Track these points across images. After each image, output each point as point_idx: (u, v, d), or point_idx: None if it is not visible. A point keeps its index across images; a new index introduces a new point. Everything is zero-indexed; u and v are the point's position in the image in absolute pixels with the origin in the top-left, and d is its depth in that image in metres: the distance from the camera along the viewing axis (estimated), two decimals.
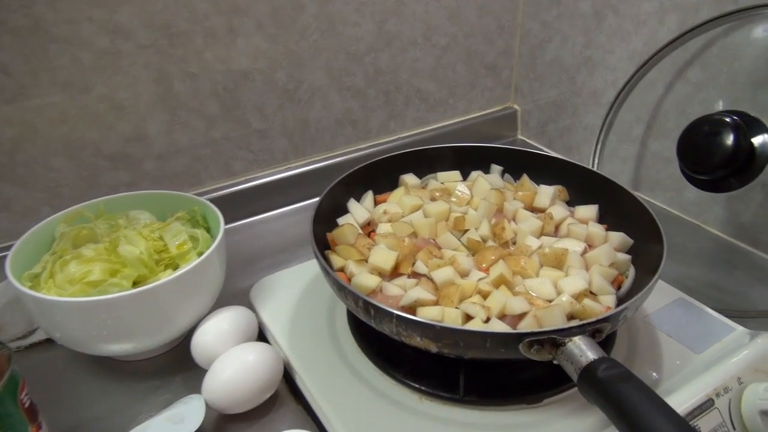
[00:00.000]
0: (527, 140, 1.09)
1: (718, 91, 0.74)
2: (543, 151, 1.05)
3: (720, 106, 0.75)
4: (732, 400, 0.49)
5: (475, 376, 0.54)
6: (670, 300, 0.64)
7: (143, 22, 0.71)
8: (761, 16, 0.67)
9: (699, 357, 0.56)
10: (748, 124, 0.59)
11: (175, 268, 0.62)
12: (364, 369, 0.57)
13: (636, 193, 0.61)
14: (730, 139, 0.58)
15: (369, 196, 0.70)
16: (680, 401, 0.49)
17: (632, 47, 0.83)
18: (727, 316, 0.61)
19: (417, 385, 0.54)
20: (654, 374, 0.54)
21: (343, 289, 0.52)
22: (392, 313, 0.48)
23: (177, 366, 0.62)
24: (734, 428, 0.49)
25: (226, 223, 0.63)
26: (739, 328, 0.59)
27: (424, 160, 0.74)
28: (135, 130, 0.76)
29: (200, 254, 0.61)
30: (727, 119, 0.59)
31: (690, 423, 0.48)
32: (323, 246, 0.62)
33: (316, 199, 0.63)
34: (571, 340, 0.44)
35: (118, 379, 0.61)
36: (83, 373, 0.62)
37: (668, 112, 0.81)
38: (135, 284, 0.58)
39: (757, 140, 0.59)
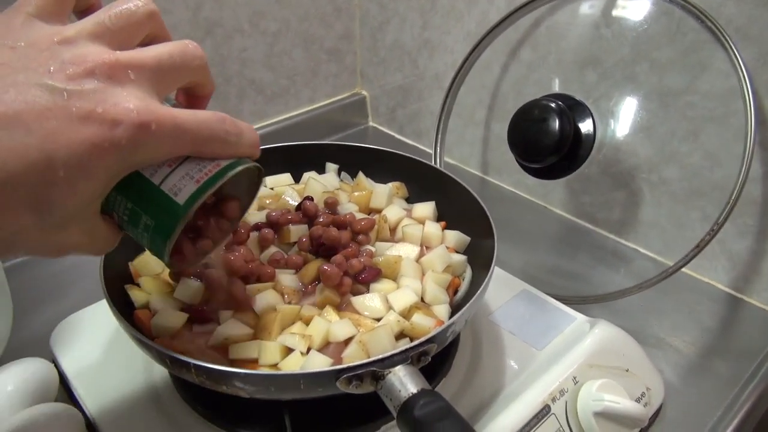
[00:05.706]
0: (379, 127, 1.04)
1: (549, 72, 0.72)
2: (395, 137, 1.01)
3: (556, 86, 0.74)
4: (568, 403, 0.47)
5: (303, 412, 0.48)
6: (514, 294, 0.61)
7: None
8: None
9: (541, 354, 0.54)
10: (572, 109, 0.57)
11: None
12: (186, 420, 0.49)
13: (469, 187, 0.57)
14: (555, 127, 0.55)
15: None
16: (518, 411, 0.46)
17: (467, 28, 0.80)
18: (568, 304, 0.60)
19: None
20: (495, 382, 0.52)
21: (134, 336, 0.43)
22: (189, 363, 0.40)
23: None
24: (572, 431, 0.47)
25: None
26: (579, 317, 0.58)
27: None
28: None
29: None
30: (552, 105, 0.56)
31: None
32: (125, 279, 0.53)
33: None
34: (390, 372, 0.39)
35: None
36: None
37: (506, 94, 0.79)
38: None
39: (582, 125, 0.57)
